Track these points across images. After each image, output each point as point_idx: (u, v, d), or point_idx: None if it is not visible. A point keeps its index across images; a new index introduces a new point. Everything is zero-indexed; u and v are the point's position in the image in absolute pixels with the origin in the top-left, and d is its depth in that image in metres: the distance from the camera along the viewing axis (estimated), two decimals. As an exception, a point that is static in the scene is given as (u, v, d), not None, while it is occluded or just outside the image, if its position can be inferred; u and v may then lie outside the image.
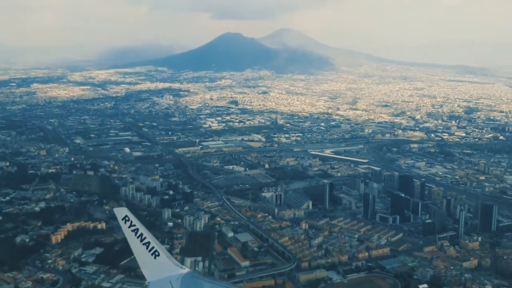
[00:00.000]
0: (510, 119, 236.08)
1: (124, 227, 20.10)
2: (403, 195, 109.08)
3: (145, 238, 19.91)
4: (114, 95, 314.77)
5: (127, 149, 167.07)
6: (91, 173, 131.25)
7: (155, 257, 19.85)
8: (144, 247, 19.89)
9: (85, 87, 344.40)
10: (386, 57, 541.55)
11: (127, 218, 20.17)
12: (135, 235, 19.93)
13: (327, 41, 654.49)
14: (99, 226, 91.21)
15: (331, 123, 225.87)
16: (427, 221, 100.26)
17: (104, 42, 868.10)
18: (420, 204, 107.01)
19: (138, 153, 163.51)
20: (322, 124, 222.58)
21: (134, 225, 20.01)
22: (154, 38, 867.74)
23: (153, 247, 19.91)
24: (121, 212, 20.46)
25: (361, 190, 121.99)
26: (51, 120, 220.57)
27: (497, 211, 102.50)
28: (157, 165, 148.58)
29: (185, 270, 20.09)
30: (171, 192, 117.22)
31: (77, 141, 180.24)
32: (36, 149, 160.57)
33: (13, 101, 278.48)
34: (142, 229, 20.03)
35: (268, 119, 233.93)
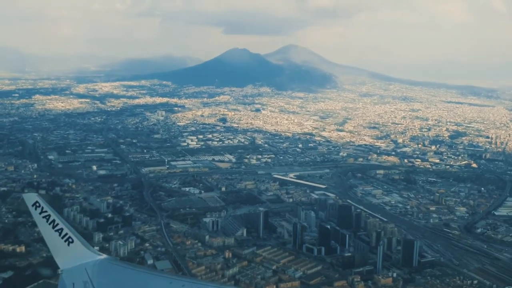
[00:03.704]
0: (493, 145, 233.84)
1: (35, 213, 19.56)
2: (328, 226, 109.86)
3: (57, 224, 19.36)
4: (109, 109, 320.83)
5: (94, 167, 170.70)
6: (43, 192, 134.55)
7: (68, 244, 19.32)
8: (57, 233, 19.30)
9: (84, 100, 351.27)
10: (393, 76, 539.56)
11: (37, 204, 19.52)
12: (47, 221, 19.38)
13: (335, 58, 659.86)
14: (18, 249, 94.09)
15: (309, 144, 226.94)
16: (346, 254, 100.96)
17: (119, 53, 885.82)
18: (347, 235, 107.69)
19: (103, 172, 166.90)
20: (300, 145, 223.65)
21: (46, 211, 19.44)
22: (168, 51, 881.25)
23: (66, 234, 19.36)
24: (30, 198, 19.74)
25: (302, 218, 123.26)
26: (35, 134, 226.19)
27: (419, 246, 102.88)
28: (116, 184, 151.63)
29: (102, 256, 19.72)
30: (109, 215, 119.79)
31: (50, 157, 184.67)
32: (5, 165, 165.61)
33: (8, 113, 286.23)
34: (54, 215, 19.50)
35: (249, 138, 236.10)
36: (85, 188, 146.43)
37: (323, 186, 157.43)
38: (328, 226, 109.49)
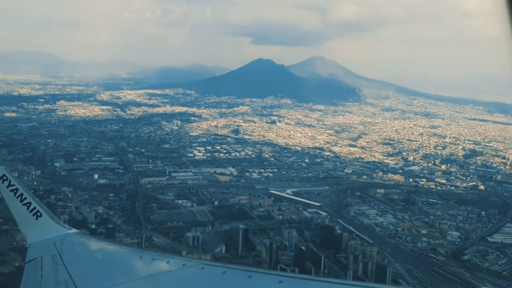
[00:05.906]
0: (507, 167, 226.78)
1: (2, 187, 19.72)
2: (303, 247, 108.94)
3: (25, 198, 19.43)
4: (127, 117, 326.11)
5: (95, 176, 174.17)
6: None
7: (36, 218, 19.23)
8: (25, 207, 19.29)
9: (106, 107, 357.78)
10: (419, 90, 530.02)
11: (5, 178, 19.70)
12: (14, 195, 19.52)
13: (361, 71, 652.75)
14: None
15: (316, 159, 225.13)
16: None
17: (151, 60, 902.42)
18: (322, 257, 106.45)
19: (103, 181, 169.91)
20: (307, 160, 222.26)
21: (13, 185, 19.60)
22: (198, 60, 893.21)
23: (34, 208, 19.33)
24: None
25: (285, 237, 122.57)
26: (49, 140, 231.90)
27: (394, 272, 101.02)
28: (111, 194, 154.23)
29: (72, 230, 19.73)
30: (93, 226, 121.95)
31: (57, 164, 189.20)
32: (10, 171, 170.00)
33: (29, 118, 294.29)
34: (22, 189, 19.74)
35: (257, 151, 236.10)
36: (81, 197, 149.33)
37: (318, 204, 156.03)
38: (303, 247, 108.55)
